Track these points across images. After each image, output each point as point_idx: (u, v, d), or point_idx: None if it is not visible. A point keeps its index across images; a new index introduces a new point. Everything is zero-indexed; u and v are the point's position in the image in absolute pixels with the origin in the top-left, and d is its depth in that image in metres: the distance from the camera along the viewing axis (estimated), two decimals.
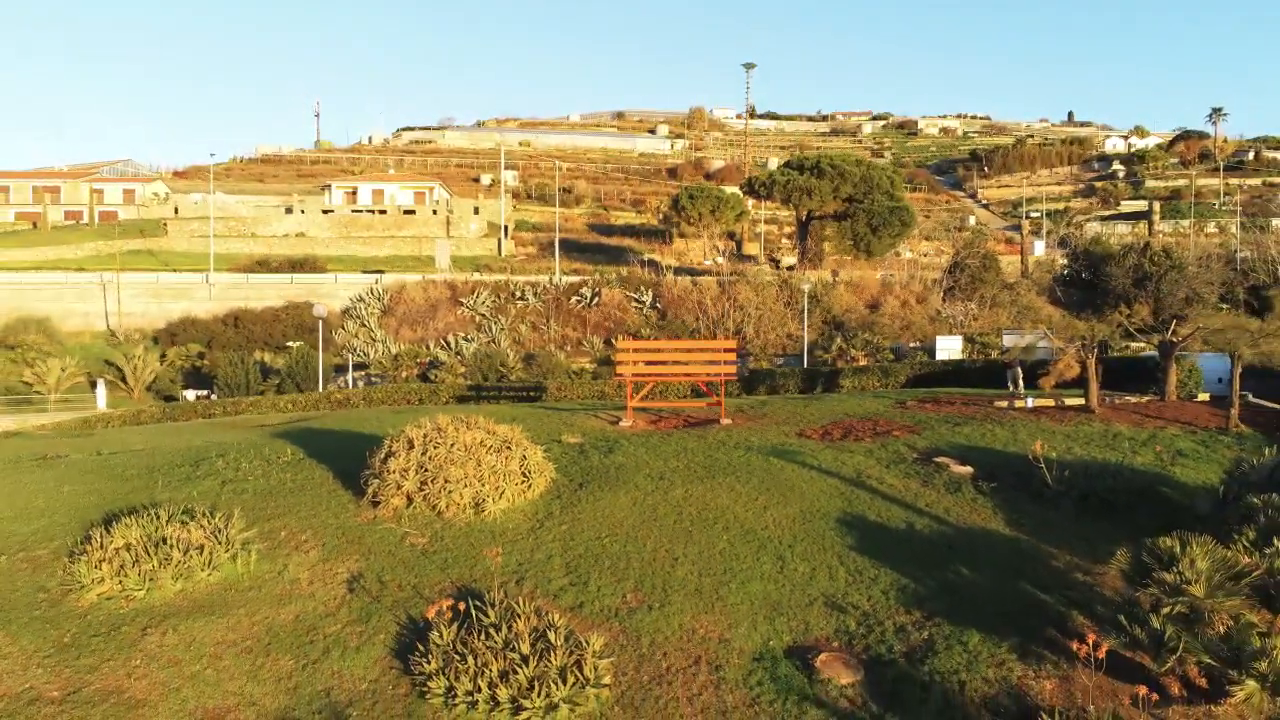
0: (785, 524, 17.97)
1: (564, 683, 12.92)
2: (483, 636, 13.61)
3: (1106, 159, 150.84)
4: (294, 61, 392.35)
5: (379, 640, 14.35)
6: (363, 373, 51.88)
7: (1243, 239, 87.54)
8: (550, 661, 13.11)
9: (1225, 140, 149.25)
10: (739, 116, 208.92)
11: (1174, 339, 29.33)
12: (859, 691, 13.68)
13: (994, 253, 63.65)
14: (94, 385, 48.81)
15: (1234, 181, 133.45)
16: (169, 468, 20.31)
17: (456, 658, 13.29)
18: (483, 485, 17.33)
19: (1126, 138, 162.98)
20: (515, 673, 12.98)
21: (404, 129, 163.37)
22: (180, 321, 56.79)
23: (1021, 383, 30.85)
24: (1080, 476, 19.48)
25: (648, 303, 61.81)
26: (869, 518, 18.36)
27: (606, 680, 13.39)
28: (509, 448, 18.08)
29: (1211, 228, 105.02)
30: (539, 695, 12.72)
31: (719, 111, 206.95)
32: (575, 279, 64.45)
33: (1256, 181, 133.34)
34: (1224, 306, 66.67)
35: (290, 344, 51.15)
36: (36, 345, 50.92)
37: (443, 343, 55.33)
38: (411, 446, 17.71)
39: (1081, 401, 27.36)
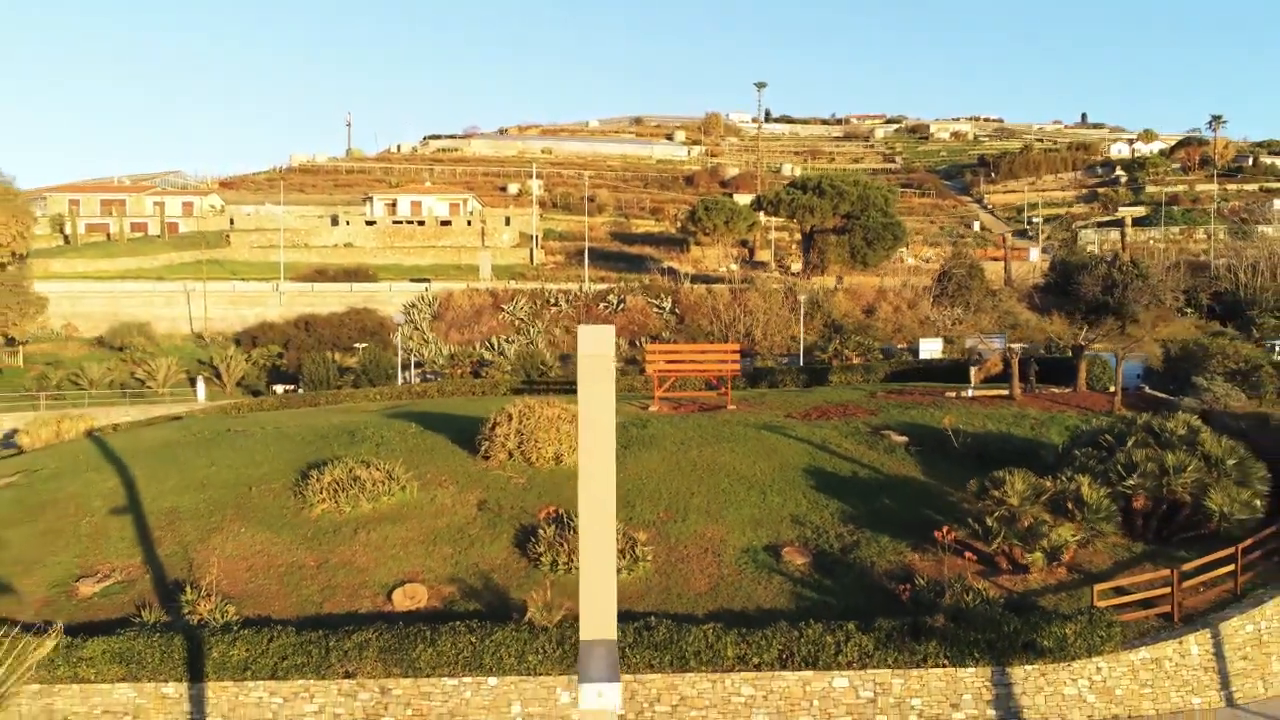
0: (768, 472, 26.36)
1: (623, 558, 21.37)
2: (569, 533, 22.08)
3: (1110, 164, 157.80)
4: (317, 70, 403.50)
5: (504, 537, 22.90)
6: (419, 370, 60.39)
7: (1224, 246, 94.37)
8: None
9: (1226, 146, 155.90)
10: (754, 121, 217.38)
11: (1082, 343, 37.25)
12: (808, 568, 22.11)
13: (979, 263, 71.39)
14: (192, 381, 57.47)
15: (1232, 187, 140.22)
16: (333, 435, 28.91)
17: (556, 543, 21.79)
18: (561, 444, 25.84)
19: (1131, 143, 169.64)
20: None
21: (430, 137, 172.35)
22: (258, 326, 65.45)
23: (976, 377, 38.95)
24: (979, 441, 27.86)
25: (667, 308, 70.06)
26: (826, 469, 26.74)
27: (649, 559, 21.87)
28: (576, 421, 26.54)
29: (1200, 234, 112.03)
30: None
31: (735, 115, 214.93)
32: (602, 286, 72.83)
33: (1254, 187, 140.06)
34: (1189, 311, 74.64)
35: (357, 345, 59.73)
36: (141, 346, 59.84)
37: (487, 344, 63.75)
38: (511, 419, 26.24)
39: (1004, 392, 35.42)
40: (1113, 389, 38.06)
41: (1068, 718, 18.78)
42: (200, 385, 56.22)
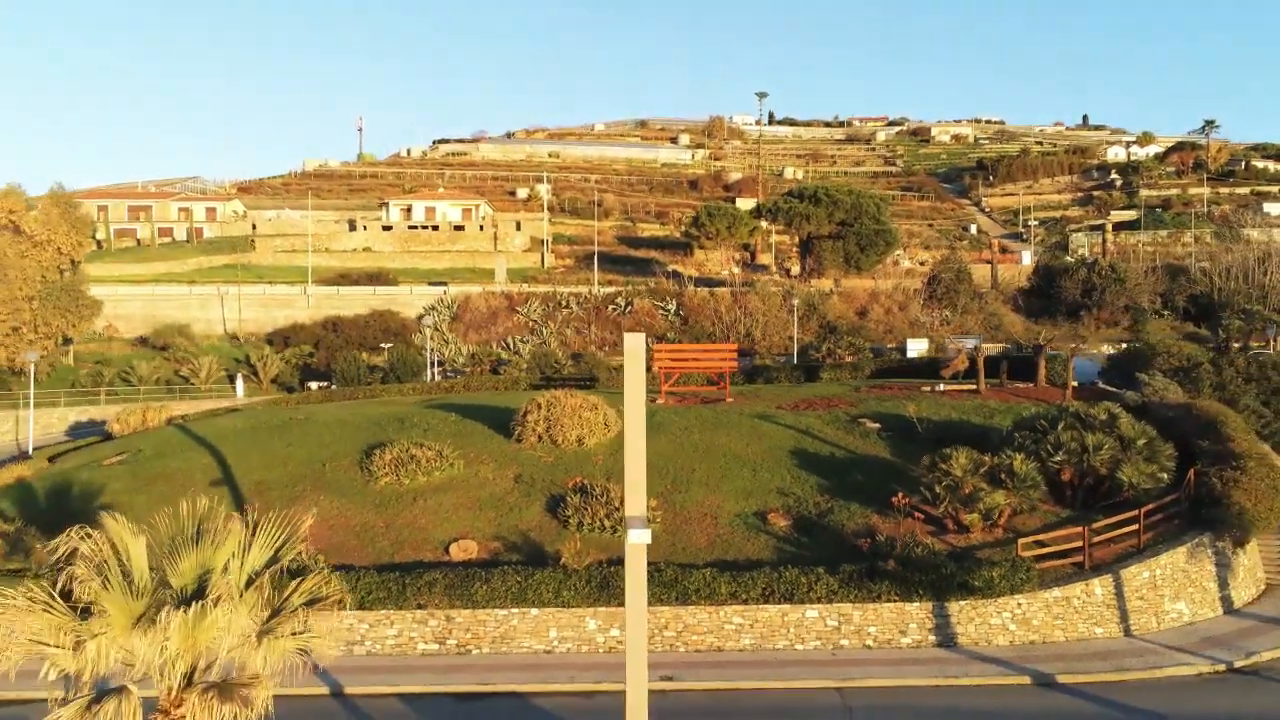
0: (759, 453, 31.26)
1: None
2: (592, 499, 27.00)
3: (1106, 168, 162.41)
4: (326, 76, 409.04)
5: (537, 504, 27.85)
6: (439, 369, 65.31)
7: (1209, 250, 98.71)
8: (625, 510, 26.48)
9: (1220, 150, 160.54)
10: (757, 122, 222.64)
11: (1041, 344, 42.00)
12: (789, 529, 27.02)
13: (967, 267, 76.13)
14: (231, 379, 62.41)
15: (1224, 190, 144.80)
16: (384, 423, 33.85)
17: (581, 508, 26.73)
18: (582, 429, 30.78)
19: (1127, 147, 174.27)
20: (610, 515, 26.38)
21: (439, 141, 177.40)
22: (289, 327, 70.37)
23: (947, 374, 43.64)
24: (940, 427, 32.74)
25: (672, 310, 74.86)
26: (809, 450, 31.64)
27: (658, 521, 26.78)
28: (596, 409, 31.50)
29: (1188, 238, 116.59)
30: (622, 526, 26.04)
31: (739, 118, 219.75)
32: (610, 290, 77.73)
33: (1245, 190, 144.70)
34: (1165, 313, 79.27)
35: (383, 345, 64.67)
36: (183, 346, 64.83)
37: (504, 344, 68.62)
38: (540, 407, 31.19)
39: (973, 386, 40.18)
40: (1071, 385, 42.78)
41: (993, 642, 23.68)
42: (239, 382, 61.18)
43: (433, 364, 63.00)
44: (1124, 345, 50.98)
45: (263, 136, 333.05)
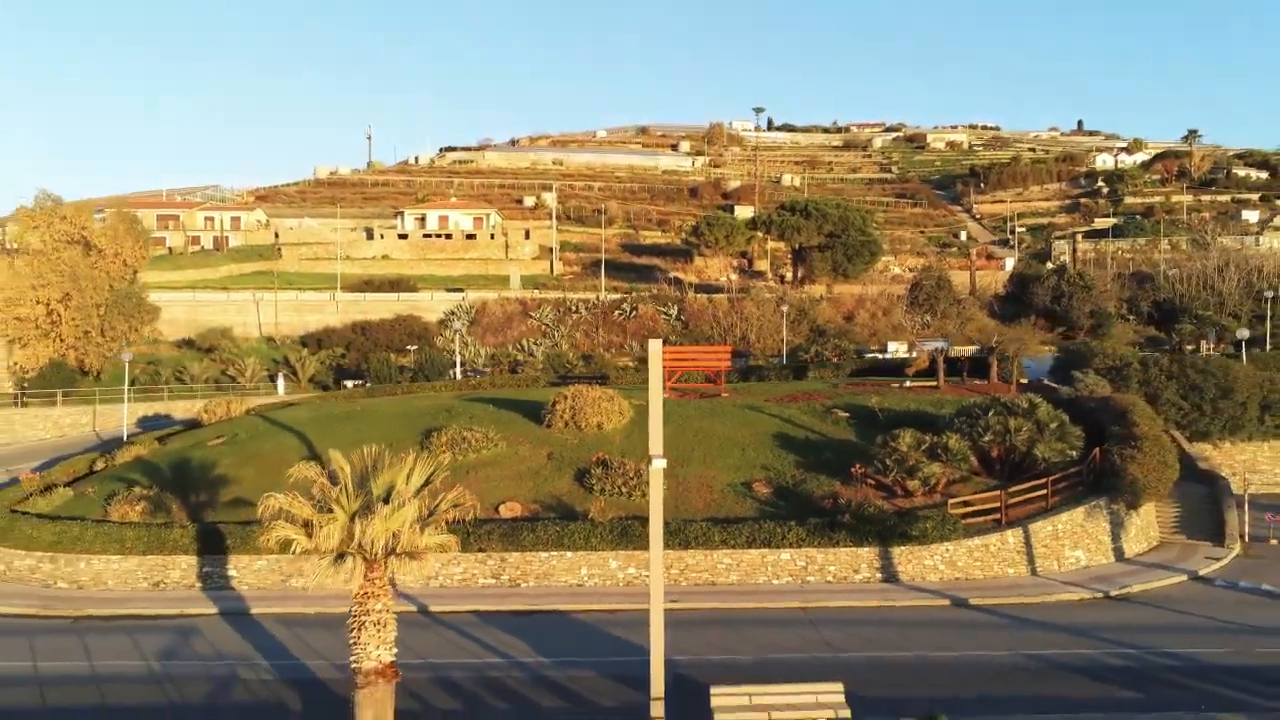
0: (748, 437, 38.34)
1: (647, 488, 33.35)
2: (612, 470, 34.11)
3: (1094, 175, 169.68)
4: (334, 84, 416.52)
5: (567, 475, 34.97)
6: (461, 368, 72.35)
7: (1184, 257, 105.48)
8: (638, 480, 33.60)
9: (1203, 159, 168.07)
10: (756, 128, 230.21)
11: (993, 345, 49.01)
12: (770, 495, 34.15)
13: (947, 275, 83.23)
14: (272, 378, 69.37)
15: (1206, 198, 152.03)
16: (433, 413, 40.91)
17: (603, 478, 33.86)
18: (601, 416, 37.89)
19: (1115, 154, 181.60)
20: (626, 483, 33.49)
21: (446, 148, 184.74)
22: (321, 330, 77.35)
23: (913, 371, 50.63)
24: (898, 415, 39.85)
25: (674, 315, 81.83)
26: (789, 434, 38.74)
27: (666, 487, 33.83)
28: (612, 400, 38.63)
29: (1165, 245, 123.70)
30: (636, 491, 33.20)
31: (738, 124, 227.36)
32: (616, 296, 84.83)
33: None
34: (1129, 318, 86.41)
35: (409, 348, 71.65)
36: (228, 348, 71.83)
37: (519, 346, 75.61)
38: (566, 399, 38.32)
39: (934, 383, 47.21)
40: (1021, 381, 49.86)
41: (927, 579, 30.78)
42: (280, 381, 68.21)
43: (455, 364, 70.04)
44: (1066, 347, 58.03)
45: (272, 143, 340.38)
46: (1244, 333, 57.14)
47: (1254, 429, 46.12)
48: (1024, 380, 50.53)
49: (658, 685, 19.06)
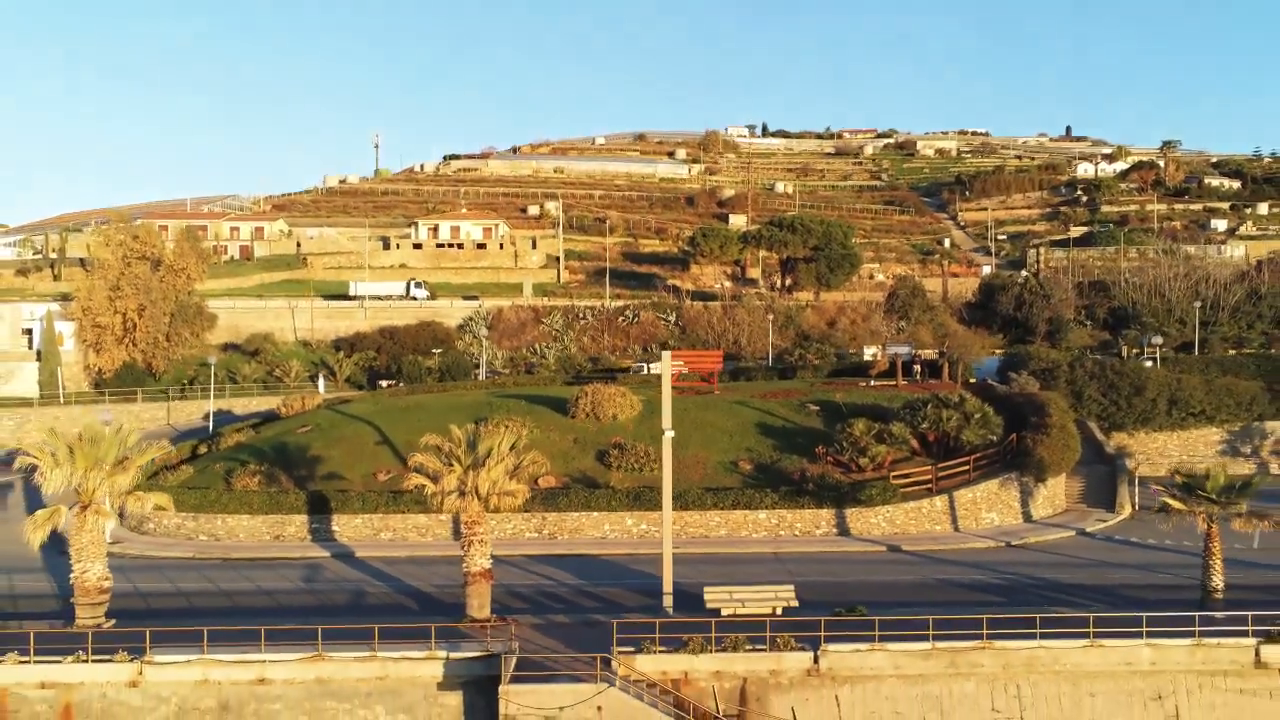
0: (735, 426, 47.94)
1: (654, 465, 42.99)
2: (627, 451, 43.72)
3: (1074, 184, 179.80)
4: (338, 91, 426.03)
5: (590, 455, 44.62)
6: (480, 370, 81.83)
7: (1138, 266, 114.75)
8: (648, 458, 43.21)
9: (1177, 169, 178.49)
10: (749, 129, 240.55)
11: (945, 349, 58.64)
12: (752, 470, 43.85)
13: (921, 284, 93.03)
14: (312, 378, 78.68)
15: (1179, 207, 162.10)
16: (476, 406, 50.41)
17: (620, 457, 43.49)
18: (617, 408, 47.51)
19: (1095, 163, 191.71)
20: (638, 460, 43.14)
21: (450, 156, 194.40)
22: (352, 335, 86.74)
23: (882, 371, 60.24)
24: (859, 408, 49.50)
25: (672, 321, 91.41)
26: (768, 423, 48.37)
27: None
28: (625, 395, 48.26)
29: (1133, 254, 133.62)
30: (646, 467, 42.83)
31: (733, 129, 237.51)
32: (620, 303, 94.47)
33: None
34: (1086, 324, 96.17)
35: (434, 351, 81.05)
36: (272, 351, 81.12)
37: (532, 350, 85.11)
38: (587, 394, 47.95)
39: (894, 383, 56.77)
40: (969, 380, 59.43)
41: (872, 533, 40.42)
42: (320, 381, 77.64)
43: (476, 365, 79.61)
44: (1009, 352, 67.84)
45: (280, 150, 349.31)
46: (1158, 339, 67.09)
47: (1163, 421, 55.70)
48: (972, 380, 60.09)
49: (668, 583, 28.67)
